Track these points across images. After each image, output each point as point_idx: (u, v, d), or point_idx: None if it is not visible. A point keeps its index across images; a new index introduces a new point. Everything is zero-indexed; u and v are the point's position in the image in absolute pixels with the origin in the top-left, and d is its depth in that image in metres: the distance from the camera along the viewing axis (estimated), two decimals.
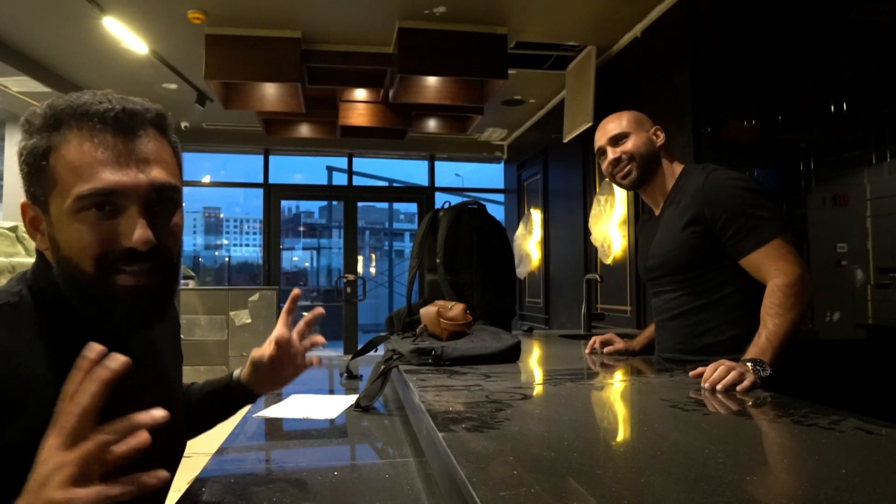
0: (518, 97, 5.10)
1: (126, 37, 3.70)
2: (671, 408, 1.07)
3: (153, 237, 0.71)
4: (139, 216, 0.71)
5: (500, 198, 7.06)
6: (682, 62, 3.19)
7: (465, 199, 2.25)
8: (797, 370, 1.34)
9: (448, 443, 0.81)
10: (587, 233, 4.25)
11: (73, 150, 0.69)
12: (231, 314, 5.41)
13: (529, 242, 5.72)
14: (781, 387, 1.22)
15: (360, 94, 4.70)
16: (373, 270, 10.95)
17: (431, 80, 4.04)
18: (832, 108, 2.27)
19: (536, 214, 5.65)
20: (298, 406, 1.45)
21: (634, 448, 0.89)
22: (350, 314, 6.62)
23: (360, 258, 7.41)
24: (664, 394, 1.21)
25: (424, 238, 2.14)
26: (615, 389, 1.35)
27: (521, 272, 5.83)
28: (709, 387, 1.20)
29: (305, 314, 1.04)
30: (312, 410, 1.40)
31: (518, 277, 5.84)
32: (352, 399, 1.44)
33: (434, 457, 0.91)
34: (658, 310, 1.67)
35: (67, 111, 0.71)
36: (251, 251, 10.54)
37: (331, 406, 1.43)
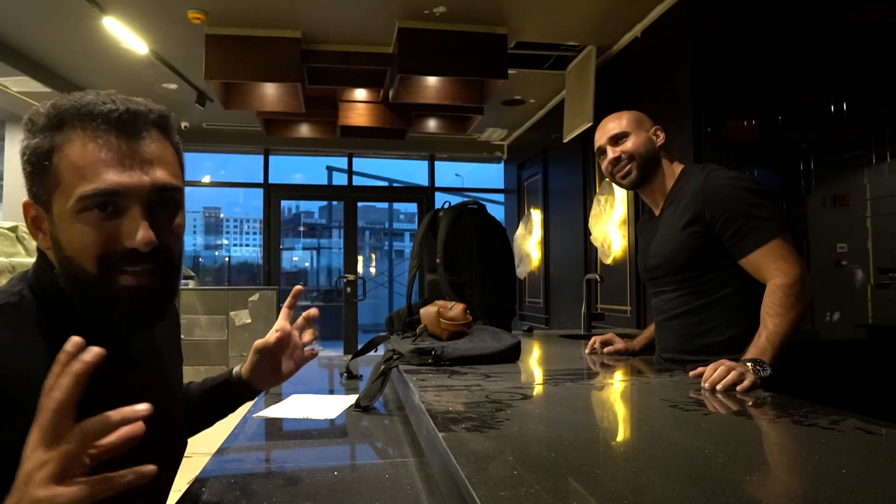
0: (518, 97, 5.10)
1: (126, 37, 3.70)
2: (671, 408, 1.07)
3: (155, 238, 0.71)
4: (141, 217, 0.71)
5: (500, 198, 7.06)
6: (682, 62, 3.19)
7: (465, 199, 2.25)
8: (797, 370, 1.34)
9: (448, 443, 0.81)
10: (587, 233, 4.25)
11: (77, 151, 0.70)
12: (231, 314, 5.41)
13: (529, 242, 5.72)
14: (781, 387, 1.22)
15: (360, 94, 4.70)
16: (373, 270, 10.96)
17: (431, 80, 4.05)
18: (832, 108, 2.27)
19: (536, 214, 5.65)
20: (298, 406, 1.45)
21: (634, 448, 0.89)
22: (350, 314, 6.62)
23: (360, 258, 7.41)
24: (664, 394, 1.21)
25: (424, 238, 2.14)
26: (615, 389, 1.35)
27: (521, 272, 5.83)
28: (709, 387, 1.20)
29: (309, 331, 1.06)
30: (312, 410, 1.40)
31: (518, 277, 5.84)
32: (352, 399, 1.44)
33: (434, 457, 0.91)
34: (658, 310, 1.67)
35: (71, 111, 0.71)
36: (251, 251, 10.56)
37: (331, 406, 1.43)
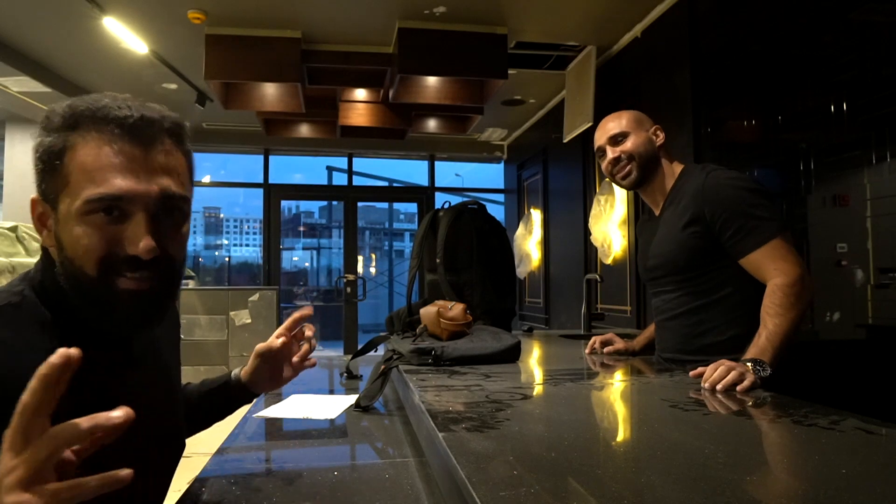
0: (518, 97, 5.10)
1: (126, 37, 3.70)
2: (671, 408, 1.07)
3: (157, 247, 0.71)
4: (145, 224, 0.71)
5: (500, 198, 7.06)
6: (682, 62, 3.19)
7: (465, 199, 2.25)
8: (797, 370, 1.34)
9: (448, 443, 0.81)
10: (587, 233, 4.25)
11: (88, 153, 0.70)
12: (231, 314, 5.40)
13: (529, 242, 5.72)
14: (781, 387, 1.22)
15: (360, 94, 4.70)
16: (373, 270, 10.96)
17: (431, 80, 4.04)
18: (832, 108, 2.27)
19: (536, 214, 5.65)
20: (298, 406, 1.45)
21: (634, 448, 0.89)
22: (350, 314, 6.62)
23: (360, 258, 7.41)
24: (664, 394, 1.21)
25: (424, 238, 2.14)
26: (615, 389, 1.35)
27: (521, 272, 5.83)
28: (709, 387, 1.20)
29: (307, 325, 1.05)
30: (312, 410, 1.40)
31: (518, 277, 5.84)
32: (352, 399, 1.44)
33: (434, 457, 0.91)
34: (658, 310, 1.67)
35: (86, 113, 0.71)
36: (251, 251, 10.55)
37: (331, 406, 1.43)
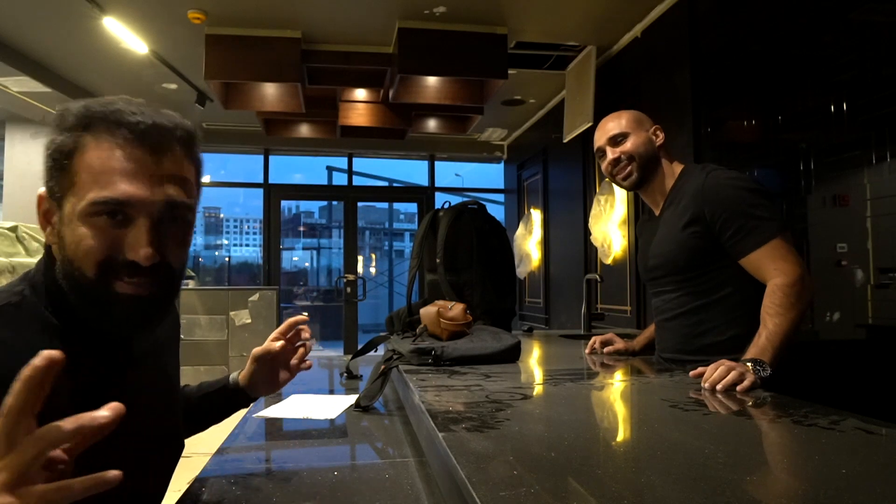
0: (518, 97, 5.10)
1: (126, 37, 3.70)
2: (671, 408, 1.07)
3: (158, 255, 0.71)
4: (147, 231, 0.71)
5: (500, 198, 7.05)
6: (682, 62, 3.18)
7: (465, 199, 2.25)
8: (797, 370, 1.34)
9: (448, 443, 0.81)
10: (587, 233, 4.25)
11: (97, 156, 0.70)
12: (231, 314, 5.40)
13: (529, 242, 5.71)
14: (781, 387, 1.22)
15: (360, 94, 4.70)
16: (373, 270, 10.96)
17: (431, 80, 4.04)
18: (832, 108, 2.27)
19: (536, 214, 5.65)
20: (298, 406, 1.45)
21: (634, 448, 0.89)
22: (350, 314, 6.62)
23: (360, 258, 7.40)
24: (664, 394, 1.21)
25: (424, 238, 2.14)
26: (615, 389, 1.35)
27: (521, 272, 5.83)
28: (709, 387, 1.20)
29: (303, 327, 1.06)
30: (312, 410, 1.40)
31: (518, 277, 5.84)
32: (352, 399, 1.44)
33: (434, 457, 0.91)
34: (658, 310, 1.67)
35: (99, 115, 0.71)
36: (251, 251, 10.55)
37: (331, 406, 1.43)
